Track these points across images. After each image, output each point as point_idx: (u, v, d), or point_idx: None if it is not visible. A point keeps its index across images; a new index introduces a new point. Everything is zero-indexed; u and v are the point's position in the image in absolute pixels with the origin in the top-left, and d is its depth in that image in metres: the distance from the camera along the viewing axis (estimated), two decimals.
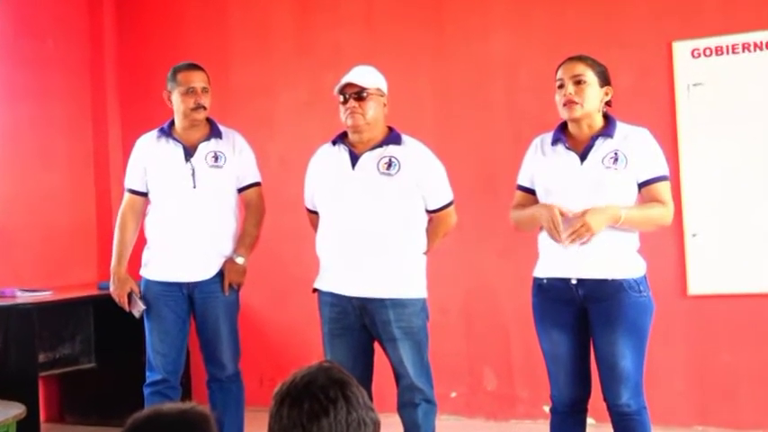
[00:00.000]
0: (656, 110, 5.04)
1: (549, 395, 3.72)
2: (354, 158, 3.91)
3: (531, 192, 3.75)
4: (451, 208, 4.03)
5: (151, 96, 5.10)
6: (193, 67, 4.52)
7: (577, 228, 3.46)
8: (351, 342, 3.90)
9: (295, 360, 1.99)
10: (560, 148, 3.67)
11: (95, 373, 5.78)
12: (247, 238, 4.53)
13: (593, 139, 3.62)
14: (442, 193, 3.99)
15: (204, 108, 4.45)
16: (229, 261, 4.46)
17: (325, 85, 5.62)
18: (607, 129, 3.63)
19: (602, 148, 3.60)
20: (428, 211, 3.98)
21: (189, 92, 4.44)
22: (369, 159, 3.89)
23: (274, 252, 5.03)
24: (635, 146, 3.60)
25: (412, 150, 3.95)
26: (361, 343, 3.92)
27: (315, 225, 4.13)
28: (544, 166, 3.70)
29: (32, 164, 6.02)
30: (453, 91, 5.60)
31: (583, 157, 3.61)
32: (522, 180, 3.79)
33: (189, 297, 4.46)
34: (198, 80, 4.46)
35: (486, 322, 5.49)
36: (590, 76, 3.59)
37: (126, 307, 4.48)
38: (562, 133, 3.70)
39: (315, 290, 4.02)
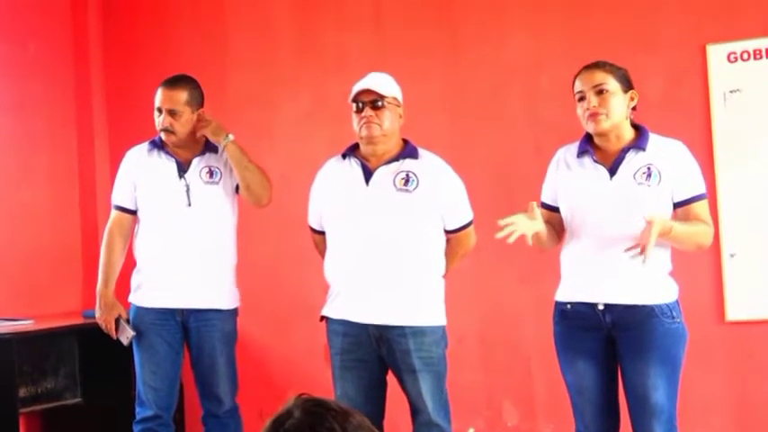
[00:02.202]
0: (689, 119, 5.05)
1: (574, 430, 3.74)
2: (368, 173, 3.93)
3: (556, 210, 3.78)
4: (471, 228, 4.06)
5: (140, 107, 5.12)
6: (169, 83, 4.51)
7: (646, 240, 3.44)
8: (364, 375, 3.92)
9: (298, 392, 1.99)
10: (587, 160, 3.69)
11: (81, 408, 5.74)
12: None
13: (624, 151, 3.64)
14: (462, 212, 4.03)
15: (171, 132, 4.45)
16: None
17: (329, 94, 5.71)
18: (639, 140, 3.65)
19: (633, 161, 3.62)
20: (446, 232, 4.01)
21: (157, 111, 4.49)
22: (384, 174, 3.92)
23: (275, 276, 5.06)
24: (670, 161, 3.62)
25: (430, 165, 3.98)
26: (374, 376, 3.93)
27: (320, 246, 4.16)
28: (569, 181, 3.72)
29: (11, 180, 6.00)
30: (468, 99, 5.62)
31: (612, 172, 3.64)
32: (546, 197, 3.82)
33: (183, 325, 4.49)
34: (166, 101, 4.46)
35: (505, 351, 5.50)
36: (612, 84, 3.62)
37: (113, 334, 4.50)
38: (589, 144, 3.72)
39: (323, 317, 4.04)
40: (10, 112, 6.03)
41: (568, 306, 3.68)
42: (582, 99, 3.64)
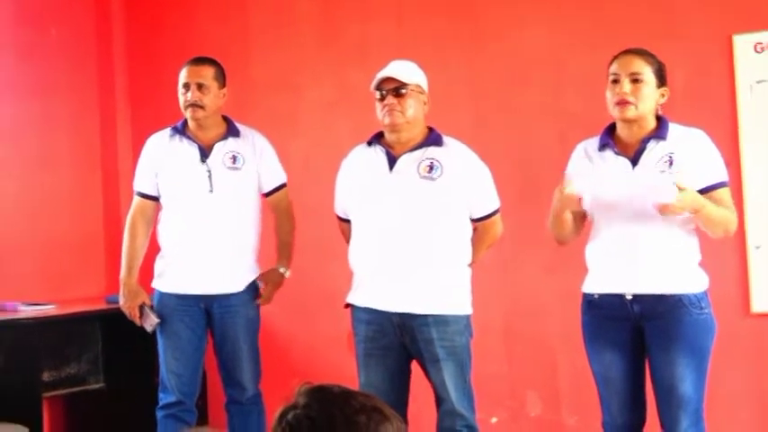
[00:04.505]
0: (714, 110, 5.01)
1: (600, 422, 3.73)
2: (392, 160, 3.92)
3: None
4: (498, 216, 4.05)
5: (163, 92, 5.12)
6: (195, 61, 4.55)
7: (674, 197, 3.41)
8: (388, 363, 3.92)
9: (321, 380, 1.98)
10: (609, 153, 3.69)
11: (104, 393, 5.77)
12: (287, 247, 4.64)
13: (645, 141, 3.63)
14: (488, 200, 4.01)
15: (199, 106, 4.46)
16: (273, 271, 4.57)
17: (352, 82, 5.69)
18: (659, 130, 3.64)
19: (654, 151, 3.61)
20: (473, 220, 3.99)
21: (183, 87, 4.49)
22: (408, 162, 3.90)
23: (298, 264, 5.02)
24: (691, 149, 3.61)
25: (455, 153, 3.96)
26: (399, 364, 3.93)
27: (346, 234, 4.16)
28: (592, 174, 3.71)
29: (34, 166, 6.03)
30: (490, 88, 5.59)
31: (634, 162, 3.62)
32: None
33: (206, 311, 4.50)
34: (193, 75, 4.48)
35: (529, 342, 5.48)
36: (648, 75, 3.60)
37: (137, 321, 4.51)
38: (610, 137, 3.71)
39: (347, 305, 4.04)
40: (33, 98, 6.05)
41: (596, 296, 3.66)
42: (615, 82, 3.62)
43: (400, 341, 3.88)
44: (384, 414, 1.89)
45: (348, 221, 4.09)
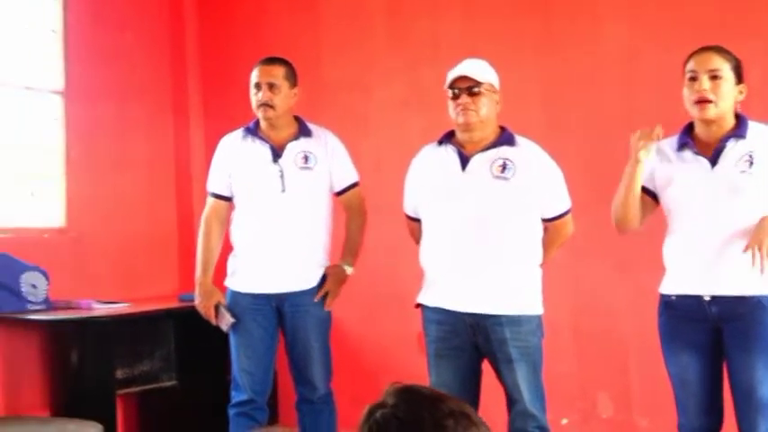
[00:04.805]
0: None
1: (673, 424, 3.68)
2: (464, 160, 3.89)
3: (650, 193, 3.71)
4: (569, 216, 4.02)
5: (236, 93, 5.16)
6: (266, 61, 4.56)
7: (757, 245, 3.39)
8: (459, 364, 3.89)
9: (391, 380, 1.97)
10: (687, 153, 3.64)
11: (176, 391, 5.82)
12: (353, 244, 4.62)
13: (724, 140, 3.57)
14: (560, 200, 3.98)
15: (270, 106, 4.47)
16: (337, 268, 4.52)
17: (422, 81, 5.68)
18: (738, 129, 3.58)
19: (734, 150, 3.55)
20: (544, 220, 3.96)
21: (255, 87, 4.51)
22: (481, 161, 3.88)
23: (368, 263, 5.03)
24: None
25: (528, 152, 3.93)
26: (470, 364, 3.91)
27: (415, 233, 4.14)
28: (670, 174, 3.66)
29: (110, 167, 6.12)
30: (562, 88, 5.54)
31: (713, 162, 3.57)
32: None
33: (278, 310, 4.51)
34: (264, 75, 4.49)
35: (600, 342, 5.43)
36: (726, 72, 3.54)
37: (213, 320, 4.54)
38: (688, 136, 3.66)
39: (418, 305, 4.02)
40: (108, 100, 6.15)
41: (673, 298, 3.61)
42: (693, 80, 3.57)
43: (472, 341, 3.86)
44: (472, 420, 1.88)
45: (418, 221, 4.08)
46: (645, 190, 3.74)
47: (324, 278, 4.53)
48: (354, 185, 4.65)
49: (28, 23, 5.86)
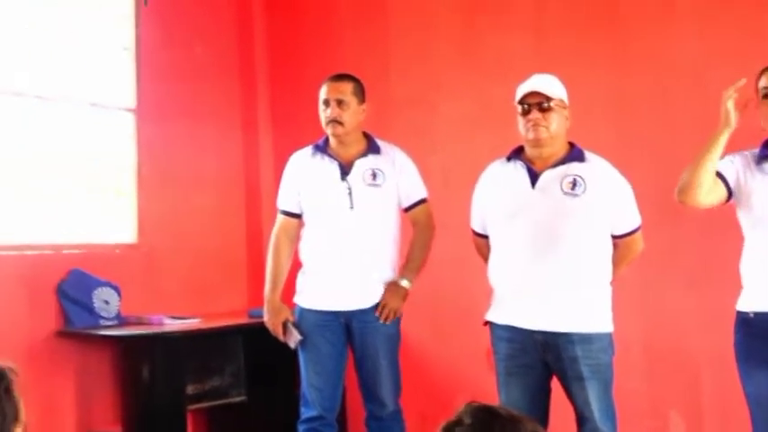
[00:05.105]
0: None
1: None
2: (534, 176, 3.88)
3: (726, 186, 3.64)
4: (639, 233, 3.98)
5: (305, 110, 5.17)
6: (334, 77, 4.58)
7: None
8: (529, 382, 3.88)
9: (460, 397, 1.97)
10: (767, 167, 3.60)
11: (246, 407, 5.85)
12: (414, 260, 4.58)
13: None
14: (630, 217, 3.95)
15: (338, 122, 4.49)
16: (392, 283, 4.50)
17: (491, 97, 5.66)
18: None
19: None
20: (614, 237, 3.93)
21: (323, 104, 4.52)
22: (551, 178, 3.86)
23: (436, 279, 5.03)
24: None
25: (598, 169, 3.91)
26: (539, 382, 3.89)
27: (482, 250, 4.13)
28: (750, 187, 3.61)
29: (181, 183, 6.18)
30: (633, 103, 5.48)
31: None
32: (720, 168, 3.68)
33: (346, 327, 4.52)
34: (333, 92, 4.51)
35: (671, 360, 5.35)
36: None
37: (281, 337, 4.56)
38: None
39: (486, 322, 4.01)
40: (179, 117, 6.21)
41: (751, 315, 3.56)
42: (766, 96, 3.52)
43: (542, 359, 3.84)
44: None
45: (485, 237, 4.07)
46: (722, 179, 3.67)
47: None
48: (422, 202, 4.64)
49: (101, 42, 5.95)
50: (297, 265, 4.68)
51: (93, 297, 5.41)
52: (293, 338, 4.52)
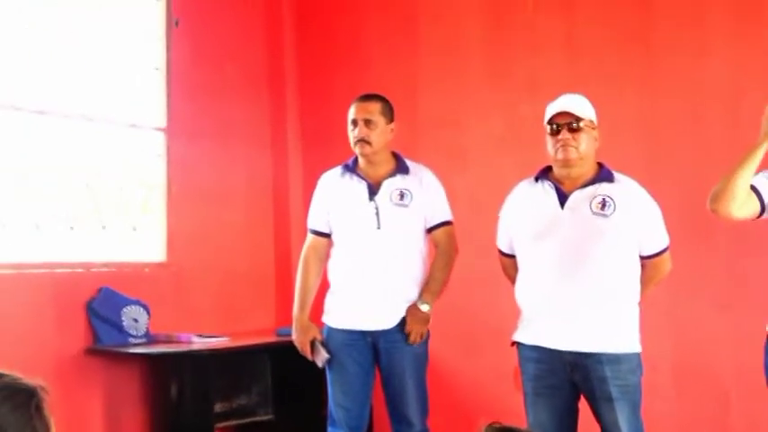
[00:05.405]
0: None
1: None
2: (563, 196, 3.87)
3: (761, 201, 3.63)
4: (667, 254, 3.96)
5: (334, 129, 5.21)
6: (362, 97, 4.59)
7: None
8: (556, 402, 3.86)
9: (487, 417, 1.96)
10: None
11: (273, 425, 5.85)
12: (434, 282, 4.55)
13: None
14: (658, 238, 3.93)
15: (366, 142, 4.50)
16: (412, 307, 4.48)
17: (520, 117, 5.66)
18: None
19: None
20: (642, 257, 3.91)
21: (352, 124, 4.54)
22: (580, 198, 3.85)
23: (464, 298, 5.03)
24: None
25: (627, 189, 3.89)
26: (567, 403, 3.88)
27: (508, 270, 4.13)
28: None
29: (210, 201, 6.20)
30: (664, 125, 5.47)
31: None
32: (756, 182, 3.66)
33: (373, 346, 4.52)
34: (360, 112, 4.52)
35: (701, 382, 5.32)
36: None
37: (309, 356, 4.57)
38: None
39: (514, 342, 4.00)
40: (210, 136, 6.25)
41: None
42: None
43: (570, 380, 3.83)
44: None
45: (512, 257, 4.06)
46: (757, 193, 3.65)
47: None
48: (444, 224, 4.61)
49: (132, 62, 6.00)
50: (327, 285, 4.68)
51: (122, 315, 5.44)
52: (321, 357, 4.52)
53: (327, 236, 4.64)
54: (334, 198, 4.62)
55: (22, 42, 5.38)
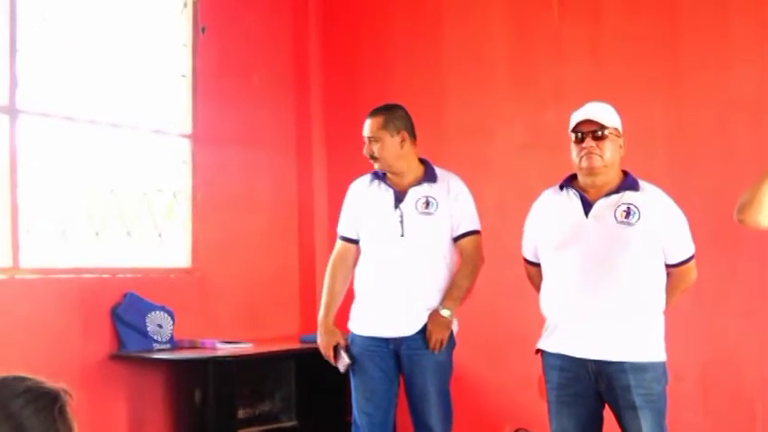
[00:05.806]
0: None
1: None
2: (587, 205, 3.86)
3: None
4: (693, 262, 3.94)
5: (358, 136, 5.21)
6: (370, 112, 4.60)
7: None
8: (581, 411, 3.84)
9: (512, 425, 1.96)
10: None
11: (297, 431, 5.87)
12: (456, 289, 4.52)
13: None
14: (684, 246, 3.91)
15: (375, 159, 4.52)
16: (434, 313, 4.47)
17: (545, 125, 5.66)
18: None
19: None
20: (667, 266, 3.89)
21: (364, 141, 4.56)
22: (605, 206, 3.83)
23: (489, 306, 5.02)
24: None
25: (652, 197, 3.87)
26: (591, 411, 3.85)
27: (534, 279, 4.11)
28: None
29: (235, 208, 6.24)
30: (690, 133, 5.44)
31: None
32: None
33: (396, 354, 4.51)
34: (365, 129, 4.57)
35: (727, 393, 5.29)
36: None
37: (332, 360, 4.57)
38: None
39: (538, 350, 3.99)
40: (235, 143, 6.28)
41: None
42: None
43: (594, 388, 3.81)
44: None
45: (536, 265, 4.05)
46: None
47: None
48: (471, 233, 4.60)
49: (159, 70, 6.03)
50: (354, 293, 4.69)
51: (146, 321, 5.46)
52: (342, 362, 4.53)
53: (356, 242, 4.65)
54: (362, 205, 4.63)
55: (49, 50, 5.42)
